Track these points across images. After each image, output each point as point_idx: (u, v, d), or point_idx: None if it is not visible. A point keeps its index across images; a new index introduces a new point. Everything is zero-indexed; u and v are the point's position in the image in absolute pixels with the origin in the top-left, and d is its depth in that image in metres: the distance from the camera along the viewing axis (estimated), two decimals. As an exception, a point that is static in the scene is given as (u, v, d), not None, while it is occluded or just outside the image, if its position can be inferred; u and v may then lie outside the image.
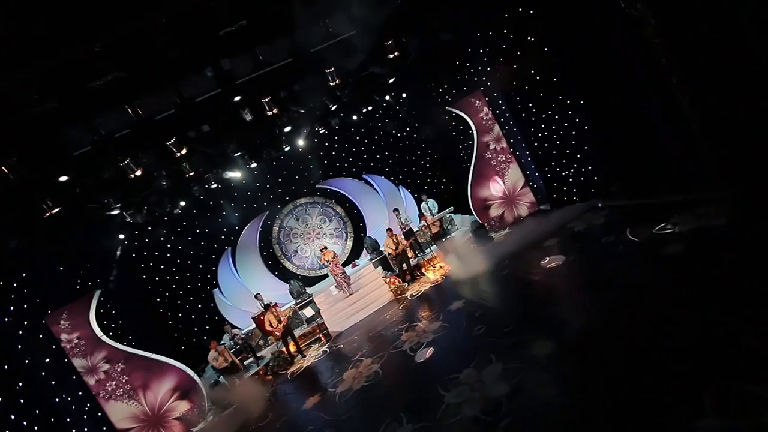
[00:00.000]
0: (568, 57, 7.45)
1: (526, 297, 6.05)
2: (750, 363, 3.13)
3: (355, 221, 13.35)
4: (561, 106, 8.36)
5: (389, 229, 10.29)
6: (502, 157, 10.08)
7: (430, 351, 5.91)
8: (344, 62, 7.68)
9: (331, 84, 7.84)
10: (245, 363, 9.76)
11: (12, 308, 7.37)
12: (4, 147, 4.95)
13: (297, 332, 9.75)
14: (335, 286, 10.04)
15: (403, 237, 10.55)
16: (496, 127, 9.99)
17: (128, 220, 10.30)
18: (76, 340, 7.74)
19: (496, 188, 10.15)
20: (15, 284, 7.70)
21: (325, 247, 10.65)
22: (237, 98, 6.25)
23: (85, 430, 7.49)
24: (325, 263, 10.08)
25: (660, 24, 4.49)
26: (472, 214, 10.76)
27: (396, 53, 8.02)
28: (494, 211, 10.20)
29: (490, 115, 9.94)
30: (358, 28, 5.83)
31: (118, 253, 10.60)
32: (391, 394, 5.34)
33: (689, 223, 5.48)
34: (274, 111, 7.53)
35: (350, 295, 9.80)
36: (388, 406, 5.08)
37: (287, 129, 9.44)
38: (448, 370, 5.06)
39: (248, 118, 7.49)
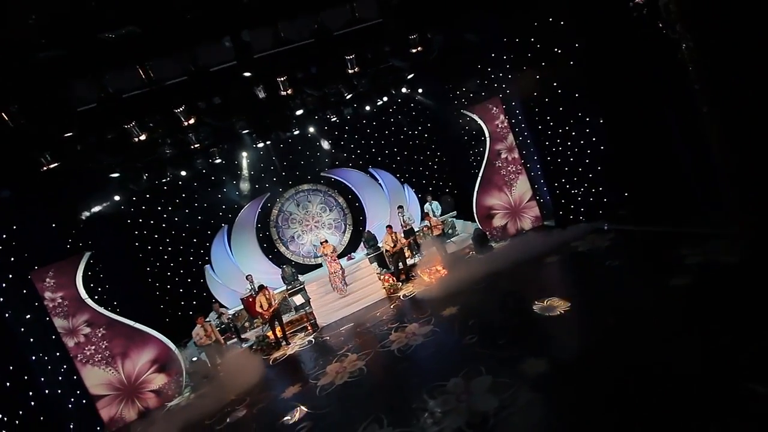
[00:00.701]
0: (594, 73, 7.28)
1: (523, 312, 5.90)
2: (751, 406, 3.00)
3: (356, 214, 13.19)
4: (579, 123, 8.20)
5: (389, 226, 10.15)
6: (512, 167, 9.92)
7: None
8: (366, 50, 7.51)
9: (350, 71, 7.63)
10: (228, 343, 9.61)
11: (-2, 261, 7.22)
12: (6, 92, 4.78)
13: (284, 318, 9.61)
14: (331, 285, 9.76)
15: (402, 235, 10.41)
16: (510, 137, 9.82)
17: (132, 187, 10.16)
18: (60, 300, 7.58)
19: (502, 198, 10.00)
20: (4, 235, 7.54)
21: (326, 241, 10.39)
22: (252, 73, 6.05)
23: (59, 391, 7.36)
24: (324, 256, 9.80)
25: (698, 49, 4.32)
26: (475, 221, 10.60)
27: (419, 48, 7.80)
28: (497, 221, 10.06)
29: (506, 123, 9.77)
30: (385, 16, 5.64)
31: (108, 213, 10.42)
32: (374, 394, 5.21)
33: (699, 256, 5.34)
34: (288, 92, 7.33)
35: (345, 295, 9.52)
36: (370, 405, 4.95)
37: (299, 112, 9.25)
38: (436, 376, 4.93)
39: (261, 95, 7.29)
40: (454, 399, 4.38)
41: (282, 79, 7.03)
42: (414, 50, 7.80)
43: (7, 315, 7.14)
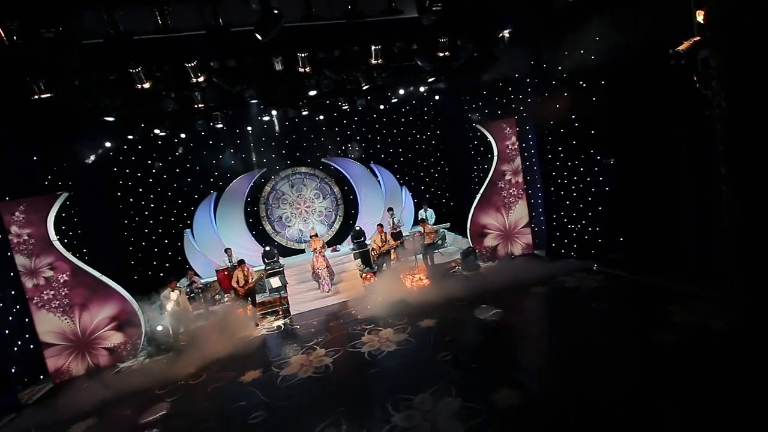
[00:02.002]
0: (614, 113, 7.21)
1: (503, 339, 5.78)
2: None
3: (348, 207, 12.96)
4: (589, 160, 8.13)
5: (380, 225, 9.97)
6: (514, 191, 9.83)
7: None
8: (393, 43, 7.30)
9: (372, 62, 7.42)
10: (195, 313, 9.28)
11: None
12: (9, 6, 4.42)
13: (258, 298, 9.35)
14: (312, 278, 9.39)
15: (392, 237, 10.23)
16: (518, 160, 9.73)
17: (129, 136, 9.75)
18: (26, 237, 7.18)
19: (498, 219, 9.90)
20: (-22, 159, 7.12)
21: (316, 235, 9.99)
22: (274, 42, 5.76)
23: (6, 332, 6.98)
24: (313, 251, 9.46)
25: (730, 110, 4.23)
26: (466, 236, 10.49)
27: (446, 53, 7.65)
28: (489, 241, 9.96)
29: (516, 146, 9.68)
30: (422, 13, 5.43)
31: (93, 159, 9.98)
32: (338, 395, 5.00)
33: (686, 315, 5.29)
34: (306, 69, 7.08)
35: (327, 294, 9.15)
36: (331, 406, 4.74)
37: (312, 93, 8.97)
38: (403, 388, 4.76)
39: (278, 67, 7.03)
40: (419, 416, 4.21)
41: (303, 55, 6.78)
42: (441, 54, 7.65)
43: (-35, 242, 6.75)
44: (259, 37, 5.21)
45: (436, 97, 12.84)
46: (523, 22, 7.48)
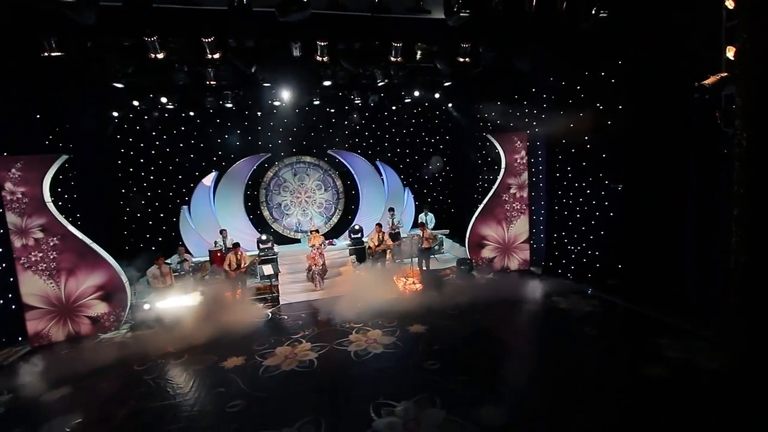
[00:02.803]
0: (628, 139, 7.13)
1: (492, 355, 5.71)
2: None
3: (349, 202, 12.87)
4: (597, 183, 8.06)
5: (379, 224, 9.86)
6: (517, 205, 9.75)
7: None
8: (415, 43, 7.19)
9: (392, 59, 7.31)
10: (183, 292, 9.15)
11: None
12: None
13: (247, 283, 9.24)
14: (307, 276, 9.18)
15: (390, 237, 10.14)
16: (525, 175, 9.65)
17: (136, 104, 9.60)
18: (20, 195, 7.02)
19: (498, 231, 9.83)
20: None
21: (317, 231, 9.74)
22: (295, 27, 5.66)
23: (-11, 289, 6.84)
24: (311, 247, 9.20)
25: (751, 150, 4.17)
26: (464, 245, 10.42)
27: (466, 59, 7.56)
28: (487, 252, 9.89)
29: (525, 160, 9.60)
30: (449, 15, 5.33)
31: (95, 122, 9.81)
32: (319, 392, 4.91)
33: (679, 351, 5.24)
34: (324, 59, 6.97)
35: (318, 290, 8.92)
36: (312, 403, 4.66)
37: (326, 83, 8.86)
38: (387, 394, 4.67)
39: (296, 53, 6.91)
40: (400, 425, 4.13)
41: (323, 43, 6.67)
42: (461, 59, 7.56)
43: (-42, 193, 6.60)
44: (278, 16, 5.09)
45: (450, 105, 12.78)
46: (548, 37, 7.39)
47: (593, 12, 5.99)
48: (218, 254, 9.80)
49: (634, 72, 6.92)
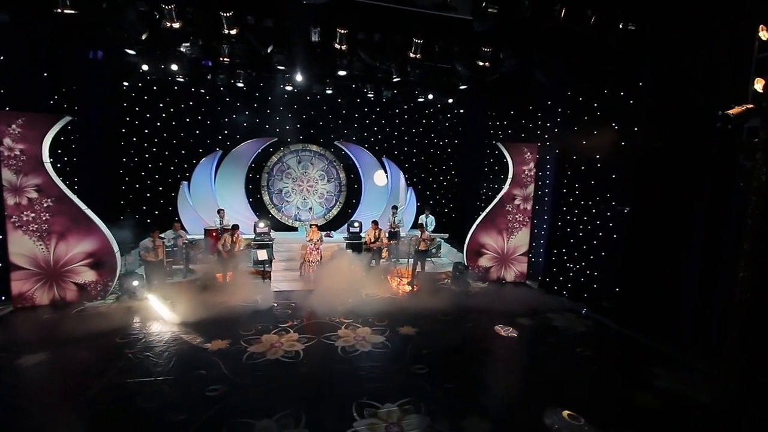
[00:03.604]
0: (641, 162, 7.02)
1: (483, 365, 5.61)
2: None
3: (351, 195, 12.74)
4: (604, 203, 7.95)
5: (374, 222, 9.70)
6: (520, 217, 9.65)
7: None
8: (437, 41, 7.06)
9: (411, 55, 7.17)
10: (173, 267, 9.04)
11: (-31, 82, 6.47)
12: None
13: (239, 267, 9.10)
14: (300, 271, 8.99)
15: (386, 235, 10.02)
16: (531, 187, 9.54)
17: (145, 73, 9.42)
18: (18, 153, 6.87)
19: (497, 241, 9.72)
20: (-14, 62, 6.79)
21: (316, 225, 9.45)
22: (316, 11, 5.52)
23: (-24, 244, 6.69)
24: (308, 241, 8.89)
25: (770, 184, 4.06)
26: (461, 252, 10.32)
27: (486, 63, 7.43)
28: (484, 261, 9.78)
29: (533, 173, 9.49)
30: (477, 16, 5.20)
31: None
32: (303, 386, 4.79)
33: (671, 382, 5.15)
34: (343, 47, 6.83)
35: (309, 286, 8.44)
36: (293, 396, 4.54)
37: (341, 73, 8.70)
38: (371, 394, 4.56)
39: (314, 38, 6.76)
40: (382, 428, 4.02)
41: (342, 31, 6.52)
42: (481, 63, 7.43)
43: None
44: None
45: (461, 111, 12.66)
46: (571, 50, 7.27)
47: (620, 26, 5.87)
48: (214, 233, 9.67)
49: (654, 94, 6.80)
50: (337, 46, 6.79)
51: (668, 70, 6.51)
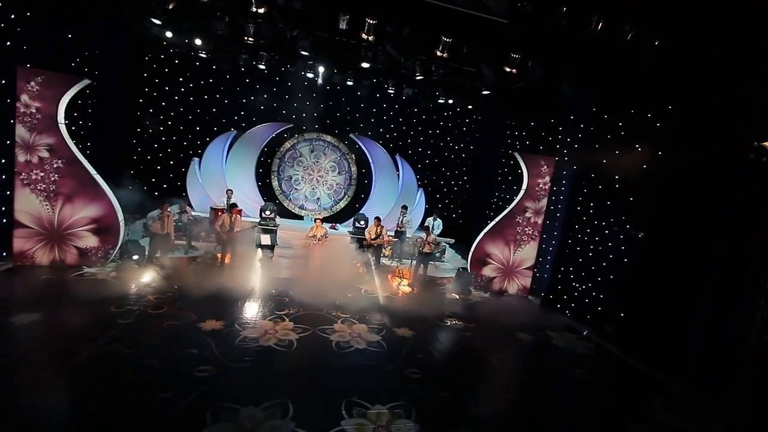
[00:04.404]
0: (661, 187, 6.83)
1: (479, 377, 5.46)
2: None
3: (360, 190, 12.62)
4: (619, 227, 7.75)
5: (377, 218, 9.51)
6: (529, 230, 9.47)
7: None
8: (466, 42, 6.90)
9: (437, 53, 7.03)
10: (176, 242, 8.99)
11: (-7, 35, 6.44)
12: None
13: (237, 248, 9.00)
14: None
15: (389, 234, 9.85)
16: (545, 201, 9.36)
17: (168, 45, 9.35)
18: (34, 110, 6.83)
19: (504, 252, 9.55)
20: (12, 16, 6.76)
21: (322, 221, 9.26)
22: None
23: (-17, 197, 6.68)
24: (312, 237, 8.70)
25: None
26: (465, 259, 10.16)
27: (513, 70, 7.27)
28: (488, 271, 9.61)
29: (548, 187, 9.30)
30: (511, 20, 5.04)
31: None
32: (293, 377, 4.68)
33: (671, 416, 4.97)
34: (370, 38, 6.70)
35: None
36: (283, 386, 4.43)
37: (365, 65, 8.57)
38: (362, 393, 4.44)
39: (342, 25, 6.63)
40: (370, 429, 3.90)
41: (372, 21, 6.39)
42: (508, 69, 7.26)
43: (-29, 94, 6.41)
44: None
45: (478, 117, 12.48)
46: (603, 66, 7.08)
47: (657, 44, 5.67)
48: (219, 213, 9.59)
49: (684, 119, 6.60)
50: (364, 35, 6.67)
51: (701, 97, 6.31)
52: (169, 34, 8.67)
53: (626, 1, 5.20)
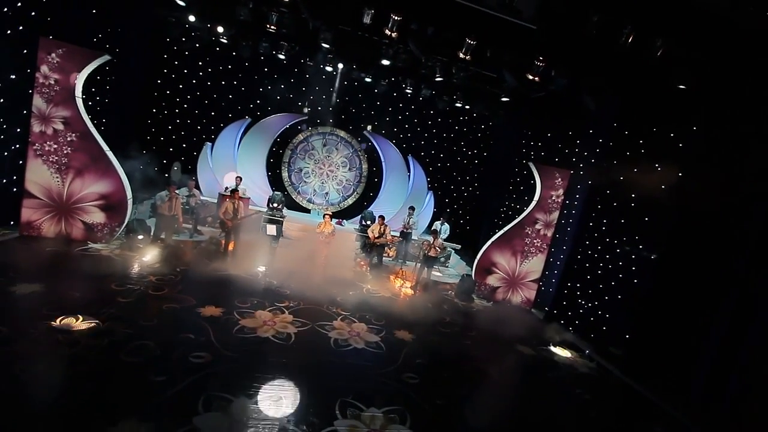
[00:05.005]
0: (679, 211, 6.64)
1: (477, 388, 5.34)
2: None
3: (370, 187, 12.53)
4: (632, 247, 7.58)
5: (381, 216, 9.35)
6: (538, 242, 9.30)
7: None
8: (489, 46, 6.78)
9: (460, 55, 6.90)
10: (183, 226, 8.96)
11: (20, 3, 6.44)
12: None
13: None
14: None
15: (393, 234, 9.72)
16: (556, 214, 9.19)
17: (191, 28, 9.32)
18: (52, 82, 6.84)
19: (510, 262, 9.40)
20: (39, -14, 6.76)
21: (330, 217, 8.63)
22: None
23: (-5, 165, 6.70)
24: (319, 233, 8.20)
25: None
26: (471, 265, 10.03)
27: (536, 78, 7.12)
28: (492, 280, 9.47)
29: (560, 200, 9.12)
30: (540, 26, 4.91)
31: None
32: (288, 371, 4.60)
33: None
34: (393, 35, 6.59)
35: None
36: (277, 379, 4.35)
37: (385, 62, 8.48)
38: (357, 395, 4.35)
39: (366, 20, 6.54)
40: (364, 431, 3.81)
41: (396, 17, 6.29)
42: (530, 76, 7.12)
43: (-8, 61, 6.42)
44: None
45: (492, 123, 12.33)
46: (629, 81, 6.91)
47: (687, 62, 5.50)
48: (227, 199, 9.56)
49: (708, 142, 6.42)
50: (387, 32, 6.56)
51: (729, 121, 6.13)
52: (192, 18, 8.64)
53: (661, 16, 5.04)
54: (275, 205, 9.69)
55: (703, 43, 5.22)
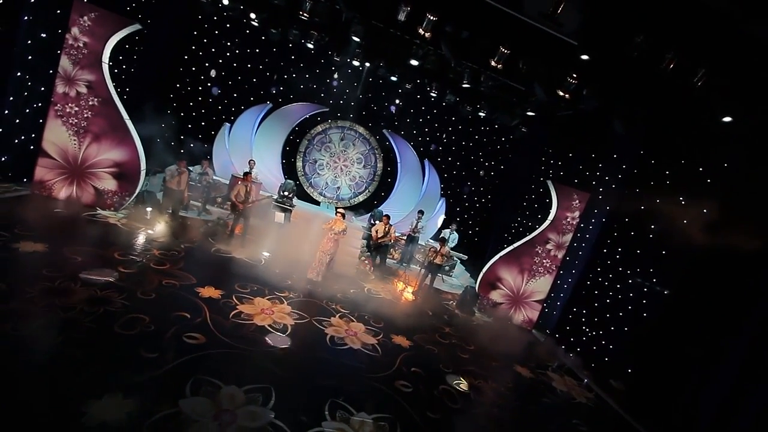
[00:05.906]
0: (699, 247, 6.40)
1: (472, 406, 5.17)
2: None
3: (382, 187, 12.41)
4: (645, 279, 7.34)
5: (387, 216, 9.14)
6: (547, 262, 9.09)
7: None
8: (525, 57, 6.61)
9: (492, 63, 6.75)
10: (192, 202, 8.94)
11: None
12: None
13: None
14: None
15: (398, 234, 9.56)
16: (569, 236, 8.97)
17: (223, 7, 9.28)
18: (81, 45, 6.83)
19: (516, 280, 9.20)
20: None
21: (343, 216, 7.64)
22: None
23: (17, 121, 6.73)
24: (329, 230, 7.36)
25: None
26: (475, 278, 9.84)
27: (566, 95, 6.93)
28: (496, 295, 9.28)
29: (575, 222, 8.91)
30: (581, 42, 4.74)
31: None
32: (282, 364, 4.49)
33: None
34: (426, 35, 6.46)
35: (315, 279, 7.21)
36: (269, 371, 4.25)
37: (413, 62, 8.35)
38: (348, 396, 4.22)
39: (401, 17, 6.42)
40: (351, 436, 3.68)
41: (432, 18, 6.15)
42: (561, 93, 6.94)
43: (25, 18, 6.43)
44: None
45: (516, 138, 12.11)
46: (664, 109, 6.69)
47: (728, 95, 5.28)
48: (239, 181, 9.51)
49: (737, 181, 6.18)
50: (420, 31, 6.43)
51: (762, 163, 5.89)
52: (225, 2, 8.60)
53: (708, 44, 4.84)
54: (286, 193, 9.61)
55: (749, 76, 5.00)
